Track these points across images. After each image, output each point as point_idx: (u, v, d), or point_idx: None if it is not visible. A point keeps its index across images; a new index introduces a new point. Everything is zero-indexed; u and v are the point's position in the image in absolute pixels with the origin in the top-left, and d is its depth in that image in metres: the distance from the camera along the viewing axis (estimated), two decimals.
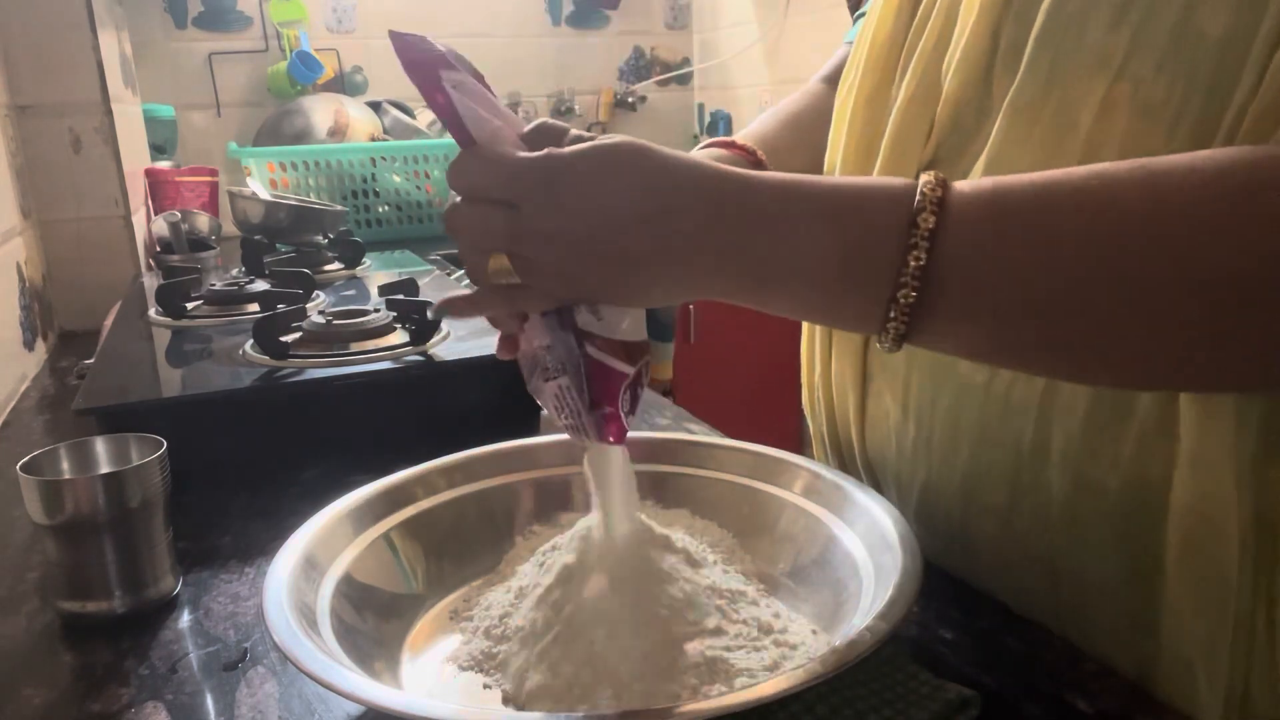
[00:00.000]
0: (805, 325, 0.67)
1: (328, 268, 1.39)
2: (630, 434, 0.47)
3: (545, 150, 0.42)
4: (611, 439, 0.46)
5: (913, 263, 0.39)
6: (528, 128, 0.47)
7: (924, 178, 0.40)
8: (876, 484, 0.61)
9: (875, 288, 0.40)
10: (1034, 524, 0.51)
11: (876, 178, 0.42)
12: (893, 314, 0.40)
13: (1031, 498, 0.50)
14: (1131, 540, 0.47)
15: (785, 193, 0.41)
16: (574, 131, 0.48)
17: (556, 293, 0.44)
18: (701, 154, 0.68)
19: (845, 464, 0.65)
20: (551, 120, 0.48)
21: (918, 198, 0.39)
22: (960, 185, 0.40)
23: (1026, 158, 0.49)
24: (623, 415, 0.46)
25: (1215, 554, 0.44)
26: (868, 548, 0.51)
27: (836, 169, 0.63)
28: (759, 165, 0.68)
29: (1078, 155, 0.46)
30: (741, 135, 0.71)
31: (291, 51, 2.13)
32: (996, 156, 0.50)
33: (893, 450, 0.59)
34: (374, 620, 0.51)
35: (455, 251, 1.81)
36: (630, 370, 0.45)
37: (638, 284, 0.43)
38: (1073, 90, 0.46)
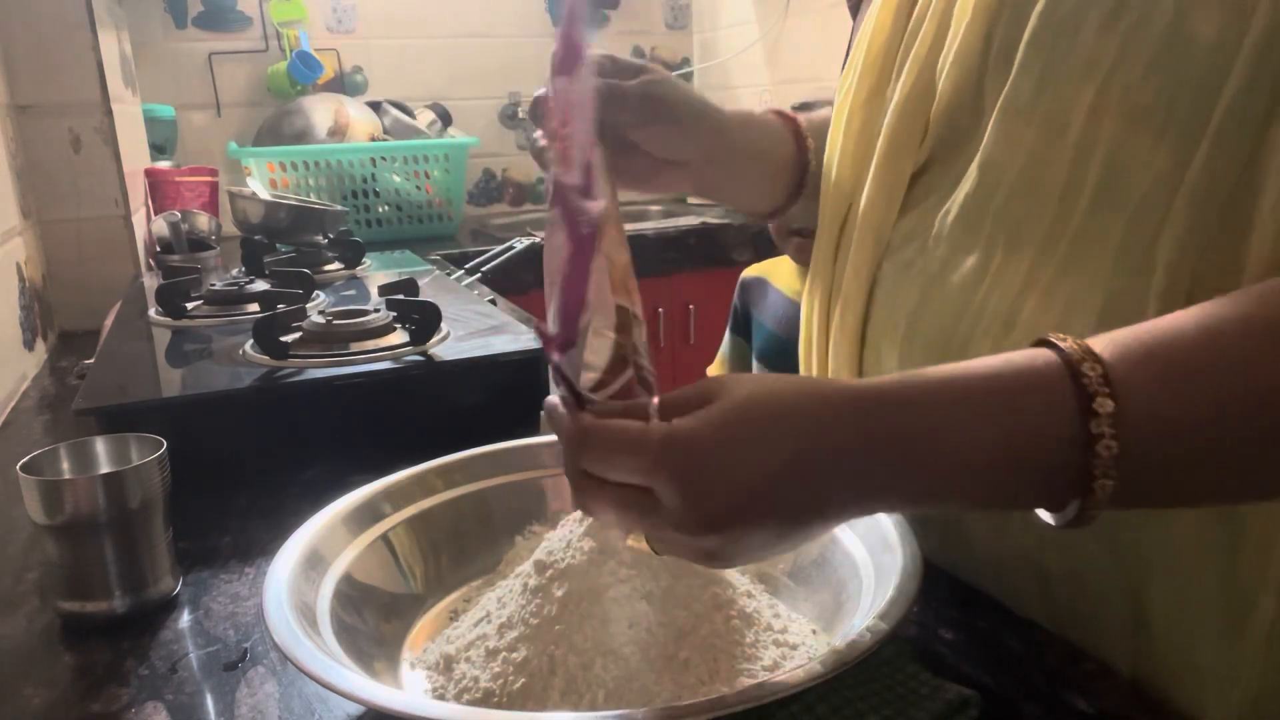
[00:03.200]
0: (803, 326, 0.67)
1: (328, 268, 1.39)
2: None
3: (669, 427, 0.37)
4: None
5: (1105, 453, 0.36)
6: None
7: (1067, 348, 0.37)
8: None
9: (1060, 478, 0.37)
10: (1026, 525, 0.51)
11: (1015, 357, 0.39)
12: (1090, 504, 0.37)
13: None
14: (1120, 544, 0.47)
15: (932, 399, 0.39)
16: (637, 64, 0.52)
17: (704, 563, 0.42)
18: (759, 117, 0.67)
19: None
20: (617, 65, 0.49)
21: (1086, 381, 0.36)
22: (1105, 353, 0.37)
23: (1018, 160, 0.49)
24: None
25: (1231, 559, 0.44)
26: (868, 548, 0.50)
27: (834, 168, 0.63)
28: (798, 133, 0.67)
29: (1067, 158, 0.47)
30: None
31: (291, 51, 2.13)
32: (989, 159, 0.50)
33: None
34: (374, 620, 0.51)
35: (455, 252, 1.81)
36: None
37: (796, 537, 0.40)
38: (1063, 93, 0.47)
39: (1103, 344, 0.38)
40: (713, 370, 1.37)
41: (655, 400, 0.40)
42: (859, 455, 0.37)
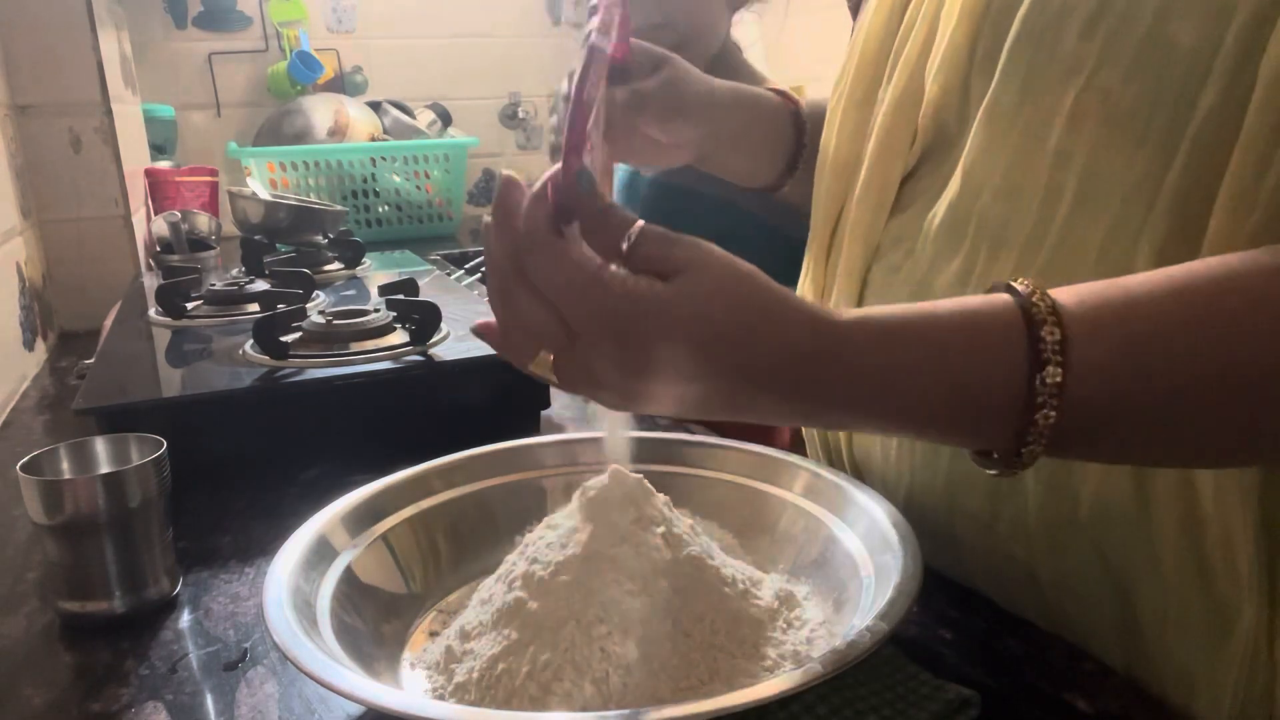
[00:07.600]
0: None
1: (328, 268, 1.39)
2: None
3: (631, 287, 0.36)
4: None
5: (1049, 380, 0.36)
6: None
7: (1019, 286, 0.38)
8: None
9: (1005, 411, 0.37)
10: (1014, 530, 0.51)
11: (967, 298, 0.40)
12: (1030, 437, 0.37)
13: (1010, 504, 0.50)
14: (1106, 548, 0.48)
15: (885, 336, 0.39)
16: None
17: (606, 402, 0.39)
18: (762, 98, 0.70)
19: (834, 465, 0.65)
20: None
21: (1035, 311, 0.37)
22: (1060, 295, 0.38)
23: (1000, 165, 0.49)
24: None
25: (1219, 566, 0.44)
26: (868, 548, 0.50)
27: (826, 170, 0.63)
28: (797, 115, 0.71)
29: (1047, 163, 0.47)
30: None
31: (291, 51, 2.13)
32: (972, 164, 0.50)
33: (878, 454, 0.59)
34: (374, 620, 0.51)
35: (455, 252, 1.81)
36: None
37: (716, 398, 0.38)
38: (1044, 98, 0.46)
39: (1061, 290, 0.38)
40: None
41: (639, 224, 0.38)
42: (797, 364, 0.38)
